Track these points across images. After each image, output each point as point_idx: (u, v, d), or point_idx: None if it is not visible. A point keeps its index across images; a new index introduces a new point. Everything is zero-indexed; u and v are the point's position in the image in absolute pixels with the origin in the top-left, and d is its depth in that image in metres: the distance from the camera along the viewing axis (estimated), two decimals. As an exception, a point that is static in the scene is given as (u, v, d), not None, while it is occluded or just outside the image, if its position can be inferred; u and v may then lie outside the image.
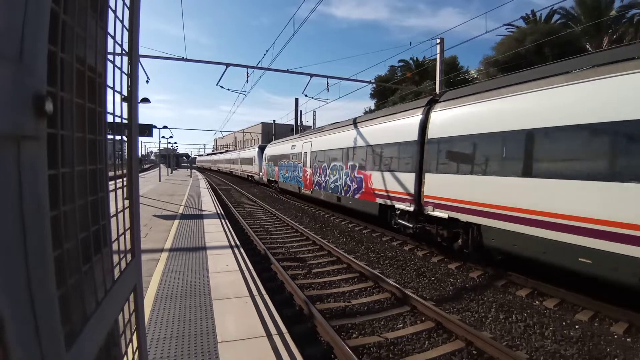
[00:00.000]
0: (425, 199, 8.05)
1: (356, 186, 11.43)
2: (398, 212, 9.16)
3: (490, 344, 3.90)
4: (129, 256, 1.13)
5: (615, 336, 4.38)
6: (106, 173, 0.96)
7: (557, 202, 5.26)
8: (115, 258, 1.03)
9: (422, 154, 8.24)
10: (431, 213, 7.84)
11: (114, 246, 1.02)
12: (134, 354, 1.17)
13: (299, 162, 17.44)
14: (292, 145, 18.86)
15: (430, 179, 7.98)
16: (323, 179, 14.28)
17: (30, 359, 0.49)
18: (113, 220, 1.01)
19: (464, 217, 6.97)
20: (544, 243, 5.41)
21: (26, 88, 0.49)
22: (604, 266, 4.67)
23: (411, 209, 8.46)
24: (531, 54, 21.71)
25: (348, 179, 12.03)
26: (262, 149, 27.17)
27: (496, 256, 6.90)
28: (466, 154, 7.10)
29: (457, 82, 25.37)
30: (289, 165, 19.00)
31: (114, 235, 1.00)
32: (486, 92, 6.93)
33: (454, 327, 4.35)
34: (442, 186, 7.59)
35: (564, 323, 4.70)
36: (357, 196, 11.35)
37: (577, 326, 4.61)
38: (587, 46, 23.75)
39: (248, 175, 33.49)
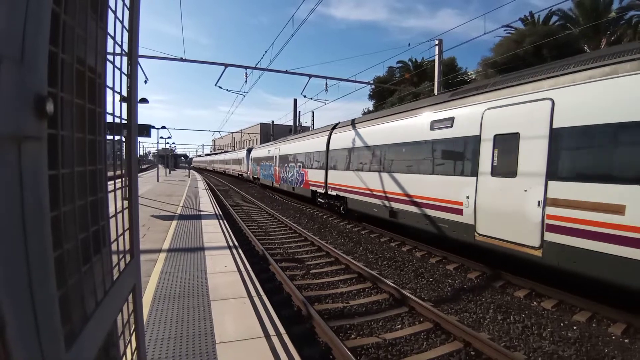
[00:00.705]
0: (328, 185, 13.61)
1: (301, 179, 16.75)
2: (318, 194, 14.81)
3: (488, 345, 3.91)
4: (127, 257, 1.13)
5: (613, 337, 4.39)
6: (105, 173, 0.96)
7: (361, 182, 10.82)
8: (115, 258, 1.03)
9: (328, 158, 13.80)
10: (330, 193, 13.43)
11: (113, 247, 1.01)
12: (132, 354, 1.17)
13: (271, 162, 22.50)
14: (268, 150, 24.03)
15: (330, 173, 13.56)
16: (285, 175, 19.50)
17: (30, 358, 0.49)
18: (112, 221, 1.01)
19: (341, 194, 12.46)
20: (365, 204, 10.72)
21: (27, 89, 0.49)
22: (380, 212, 9.83)
23: (323, 191, 14.08)
24: (529, 56, 21.78)
25: (297, 174, 17.37)
26: (249, 151, 31.95)
27: (354, 214, 12.13)
28: (338, 159, 12.92)
29: (455, 83, 25.40)
30: (266, 165, 24.23)
31: (113, 236, 1.00)
32: (348, 126, 12.57)
33: (452, 328, 4.35)
34: (333, 177, 13.20)
35: (562, 324, 4.71)
36: (301, 186, 16.70)
37: (575, 327, 4.62)
38: (585, 48, 23.86)
39: (238, 173, 37.97)
